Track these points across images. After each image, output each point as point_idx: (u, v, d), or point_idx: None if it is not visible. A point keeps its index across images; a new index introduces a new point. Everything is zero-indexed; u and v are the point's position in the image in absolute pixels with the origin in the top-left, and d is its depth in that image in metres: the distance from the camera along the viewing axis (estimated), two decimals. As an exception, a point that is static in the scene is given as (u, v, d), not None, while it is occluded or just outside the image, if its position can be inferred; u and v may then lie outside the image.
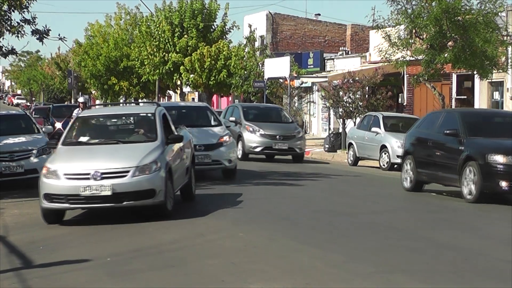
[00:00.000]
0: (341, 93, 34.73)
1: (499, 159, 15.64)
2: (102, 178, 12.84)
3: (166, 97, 62.77)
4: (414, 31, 28.47)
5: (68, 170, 13.06)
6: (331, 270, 9.53)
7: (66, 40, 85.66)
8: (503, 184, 15.58)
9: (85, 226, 13.31)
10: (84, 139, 14.48)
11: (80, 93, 68.21)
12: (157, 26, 45.57)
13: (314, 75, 44.53)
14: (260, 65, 43.87)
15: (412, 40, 28.76)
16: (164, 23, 44.99)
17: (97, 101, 62.21)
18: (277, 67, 40.19)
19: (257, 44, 49.93)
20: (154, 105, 16.11)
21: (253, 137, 27.14)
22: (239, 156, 25.58)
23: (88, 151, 13.87)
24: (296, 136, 27.66)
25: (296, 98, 43.70)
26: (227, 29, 46.20)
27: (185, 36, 44.68)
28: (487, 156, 15.72)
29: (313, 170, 24.01)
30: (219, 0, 45.96)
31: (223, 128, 20.83)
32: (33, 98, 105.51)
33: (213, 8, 45.52)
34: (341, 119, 35.26)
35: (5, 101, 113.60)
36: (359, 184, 21.03)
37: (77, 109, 23.95)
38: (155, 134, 14.16)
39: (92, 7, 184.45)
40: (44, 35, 19.60)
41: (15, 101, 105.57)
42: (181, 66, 44.33)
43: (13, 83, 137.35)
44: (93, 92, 64.34)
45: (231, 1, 68.30)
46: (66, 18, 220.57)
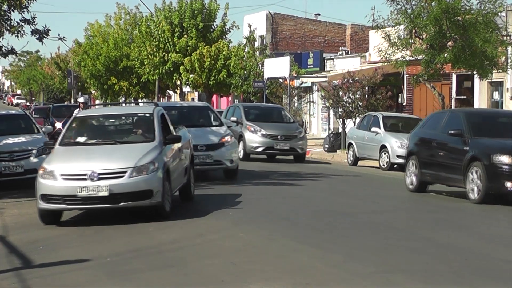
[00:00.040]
0: (341, 93, 34.74)
1: (505, 160, 15.49)
2: (99, 179, 12.77)
3: (166, 97, 62.75)
4: (414, 31, 28.47)
5: (65, 171, 13.00)
6: (331, 270, 9.52)
7: (66, 40, 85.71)
8: (509, 185, 15.42)
9: (85, 226, 13.29)
10: (82, 140, 14.39)
11: (80, 93, 68.18)
12: (157, 26, 45.58)
13: (314, 75, 44.53)
14: (260, 65, 43.87)
15: (412, 40, 28.76)
16: (164, 23, 44.99)
17: (97, 101, 62.19)
18: (277, 67, 40.17)
19: (257, 44, 49.93)
20: (153, 105, 16.00)
21: (255, 137, 27.03)
22: (240, 156, 25.50)
23: (85, 152, 13.78)
24: (298, 136, 27.56)
25: (296, 98, 43.68)
26: (227, 29, 46.22)
27: (185, 36, 44.68)
28: (492, 157, 15.57)
29: (313, 170, 24.01)
30: (219, 0, 46.08)
31: (225, 128, 20.69)
32: (33, 98, 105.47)
33: (213, 8, 45.54)
34: (341, 119, 35.26)
35: (5, 101, 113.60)
36: (359, 184, 21.02)
37: (77, 109, 23.92)
38: (153, 135, 14.06)
39: (92, 7, 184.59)
40: (44, 35, 19.59)
41: (15, 101, 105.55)
42: (181, 66, 44.34)
43: (13, 83, 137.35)
44: (93, 92, 64.31)
45: (231, 1, 68.26)
46: (66, 18, 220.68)
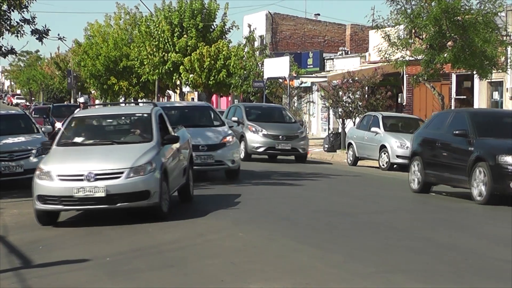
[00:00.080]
0: (341, 93, 34.75)
1: (510, 160, 15.31)
2: (96, 180, 12.67)
3: (166, 97, 62.73)
4: (414, 31, 28.48)
5: (62, 171, 12.90)
6: (331, 270, 9.52)
7: (66, 40, 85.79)
8: None
9: (85, 226, 13.27)
10: (79, 140, 14.28)
11: (80, 93, 68.17)
12: (157, 26, 45.58)
13: (314, 75, 44.53)
14: (260, 65, 43.85)
15: (412, 40, 28.76)
16: (164, 23, 44.99)
17: (97, 101, 62.18)
18: (277, 67, 40.16)
19: (257, 44, 49.91)
20: (151, 105, 15.89)
21: (256, 137, 26.88)
22: (241, 157, 25.41)
23: (82, 152, 13.66)
24: (299, 136, 27.41)
25: (296, 98, 43.66)
26: (227, 29, 46.22)
27: (185, 36, 44.68)
28: (498, 157, 15.40)
29: (313, 170, 24.00)
30: (219, 0, 46.08)
31: (226, 128, 20.54)
32: (33, 98, 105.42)
33: (213, 8, 45.53)
34: (341, 119, 35.26)
35: (5, 101, 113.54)
36: (359, 184, 21.02)
37: (78, 109, 23.93)
38: (151, 135, 13.95)
39: (92, 7, 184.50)
40: (44, 35, 19.59)
41: (15, 101, 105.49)
42: (181, 66, 44.34)
43: (13, 83, 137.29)
44: (93, 92, 64.29)
45: (231, 1, 68.27)
46: (66, 18, 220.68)
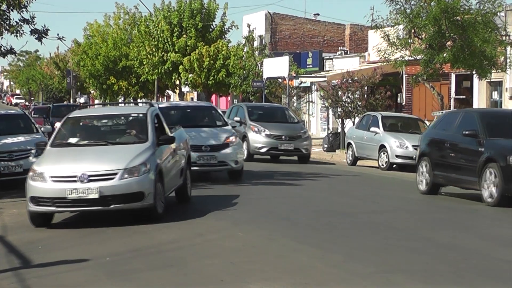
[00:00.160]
0: (340, 93, 34.74)
1: None
2: (89, 181, 12.51)
3: (165, 97, 62.73)
4: (413, 31, 28.49)
5: (55, 173, 12.74)
6: (331, 270, 9.51)
7: (65, 40, 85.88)
8: None
9: (84, 226, 13.23)
10: (74, 141, 14.09)
11: (79, 93, 68.19)
12: (156, 26, 45.57)
13: (313, 75, 44.53)
14: (259, 65, 43.84)
15: (411, 40, 28.79)
16: (163, 23, 44.98)
17: (96, 101, 62.17)
18: (276, 67, 40.14)
19: (256, 44, 49.88)
20: (147, 106, 15.69)
21: (258, 138, 26.64)
22: (244, 157, 25.22)
23: (76, 153, 13.49)
24: (302, 137, 27.12)
25: (295, 98, 43.63)
26: (226, 29, 46.22)
27: (184, 36, 44.67)
28: (509, 158, 15.09)
29: (313, 170, 23.98)
30: (218, 0, 46.01)
31: (229, 128, 20.34)
32: (32, 98, 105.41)
33: (212, 8, 45.53)
34: (340, 119, 35.26)
35: (4, 101, 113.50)
36: (359, 184, 21.01)
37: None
38: (146, 135, 13.78)
39: (91, 7, 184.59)
40: (43, 35, 19.58)
41: (14, 101, 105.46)
42: (180, 66, 44.33)
43: (12, 83, 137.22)
44: (92, 92, 64.27)
45: (230, 1, 68.33)
46: (65, 18, 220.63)
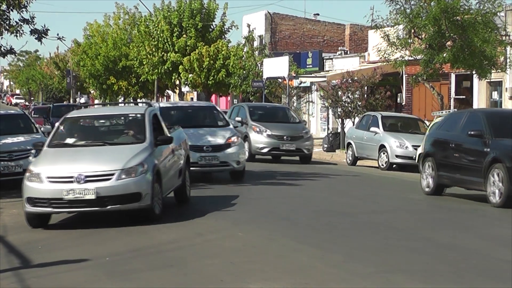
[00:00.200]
0: (340, 93, 34.74)
1: None
2: (86, 182, 12.44)
3: (165, 97, 62.74)
4: (413, 31, 28.49)
5: (51, 173, 12.66)
6: (331, 270, 9.51)
7: (65, 40, 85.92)
8: None
9: (83, 226, 13.22)
10: (71, 141, 14.02)
11: (79, 93, 68.18)
12: (156, 26, 45.55)
13: (313, 75, 44.51)
14: (259, 65, 43.82)
15: (411, 40, 28.79)
16: (163, 23, 44.96)
17: (96, 101, 62.16)
18: (276, 67, 40.13)
19: (256, 44, 49.85)
20: (145, 106, 15.57)
21: (260, 138, 26.53)
22: (245, 157, 25.14)
23: (73, 153, 13.41)
24: (304, 137, 27.01)
25: (295, 98, 43.62)
26: (226, 29, 46.19)
27: (184, 36, 44.65)
28: None
29: (312, 170, 23.97)
30: (218, 0, 46.00)
31: (231, 129, 20.23)
32: (32, 98, 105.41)
33: (212, 8, 45.51)
34: (340, 119, 35.25)
35: (4, 101, 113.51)
36: (358, 184, 21.00)
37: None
38: (144, 136, 13.71)
39: (91, 7, 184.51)
40: (43, 35, 19.58)
41: (14, 101, 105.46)
42: (180, 66, 44.31)
43: (12, 83, 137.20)
44: (92, 92, 64.24)
45: (230, 1, 68.33)
46: (65, 18, 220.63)
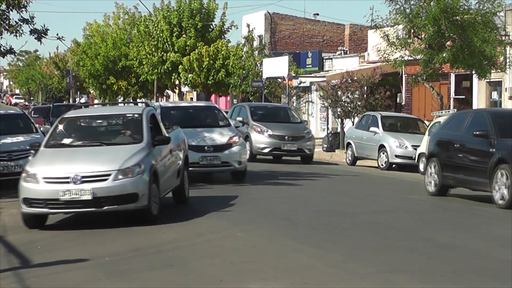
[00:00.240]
0: (340, 93, 34.74)
1: None
2: (82, 182, 12.38)
3: (165, 97, 62.74)
4: (413, 31, 28.49)
5: (47, 174, 12.60)
6: (330, 270, 9.51)
7: (65, 40, 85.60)
8: None
9: (83, 226, 13.21)
10: (68, 141, 13.95)
11: (79, 93, 68.16)
12: (156, 26, 45.54)
13: (313, 75, 44.51)
14: (259, 65, 43.82)
15: (411, 40, 28.78)
16: (163, 23, 44.95)
17: (96, 101, 62.15)
18: (276, 67, 40.13)
19: (256, 44, 49.84)
20: (143, 106, 15.51)
21: (261, 138, 26.42)
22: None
23: (70, 154, 13.35)
24: (306, 137, 26.89)
25: (295, 98, 43.63)
26: (226, 29, 46.18)
27: (184, 36, 44.65)
28: None
29: (312, 170, 23.96)
30: (218, 0, 45.99)
31: (233, 129, 20.15)
32: (32, 98, 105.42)
33: (212, 8, 45.51)
34: (340, 119, 35.26)
35: (4, 101, 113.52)
36: (358, 184, 21.00)
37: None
38: (141, 136, 13.64)
39: (91, 7, 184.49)
40: (42, 35, 19.58)
41: (14, 101, 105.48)
42: (180, 66, 44.30)
43: (12, 83, 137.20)
44: (92, 92, 64.23)
45: (230, 1, 68.32)
46: (65, 18, 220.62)
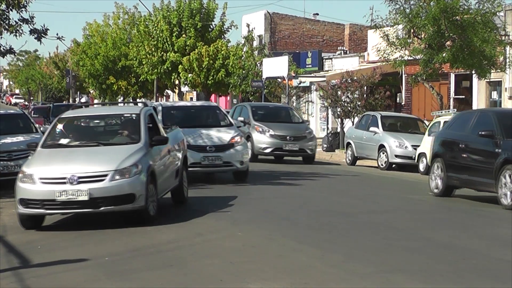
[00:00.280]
0: (339, 93, 34.74)
1: None
2: (79, 183, 12.30)
3: (164, 97, 62.76)
4: (412, 31, 28.49)
5: (44, 174, 12.53)
6: (330, 270, 9.51)
7: (64, 40, 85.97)
8: None
9: (83, 226, 13.21)
10: (65, 141, 13.89)
11: (79, 93, 68.15)
12: (155, 26, 45.55)
13: (312, 75, 44.51)
14: (258, 65, 43.83)
15: (410, 40, 28.78)
16: (162, 23, 44.96)
17: (96, 101, 62.17)
18: (275, 67, 40.14)
19: (255, 44, 49.85)
20: (141, 106, 15.47)
21: (263, 138, 26.34)
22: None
23: (67, 154, 13.28)
24: (307, 137, 26.80)
25: (294, 98, 43.63)
26: (225, 29, 46.20)
27: (183, 36, 44.66)
28: None
29: (312, 170, 23.95)
30: (217, 0, 45.99)
31: (235, 128, 20.05)
32: (31, 98, 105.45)
33: (211, 8, 45.52)
34: (339, 119, 35.26)
35: (3, 101, 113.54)
36: (358, 184, 21.00)
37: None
38: (139, 136, 13.58)
39: (91, 7, 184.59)
40: (42, 35, 19.59)
41: (13, 101, 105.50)
42: (179, 66, 44.31)
43: (11, 83, 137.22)
44: (91, 92, 64.25)
45: (229, 1, 68.36)
46: (64, 18, 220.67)
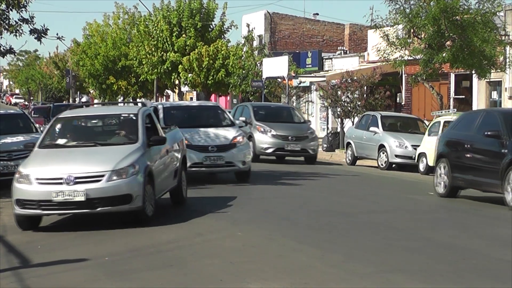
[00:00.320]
0: (339, 93, 34.75)
1: None
2: (76, 183, 12.25)
3: (165, 97, 62.77)
4: (412, 31, 28.49)
5: (40, 175, 12.49)
6: (330, 270, 9.51)
7: (64, 40, 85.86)
8: None
9: (83, 226, 13.21)
10: (62, 142, 13.83)
11: (79, 93, 68.15)
12: (155, 26, 45.56)
13: (312, 75, 44.53)
14: (258, 65, 43.83)
15: (410, 40, 28.78)
16: (162, 23, 44.97)
17: (95, 100, 62.17)
18: (275, 67, 40.14)
19: (255, 44, 49.85)
20: (140, 105, 15.44)
21: (264, 138, 26.27)
22: None
23: (64, 154, 13.24)
24: (309, 137, 26.70)
25: (294, 98, 43.64)
26: (225, 29, 46.21)
27: (183, 36, 44.66)
28: None
29: (312, 170, 23.95)
30: (217, 0, 46.00)
31: (236, 128, 19.98)
32: (31, 98, 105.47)
33: (211, 8, 45.52)
34: (339, 119, 35.27)
35: (3, 101, 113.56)
36: (358, 184, 20.99)
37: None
38: (136, 136, 13.52)
39: (91, 7, 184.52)
40: (42, 34, 19.57)
41: (13, 101, 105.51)
42: (179, 66, 44.31)
43: (11, 82, 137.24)
44: (91, 92, 64.26)
45: (229, 1, 68.37)
46: (64, 18, 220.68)
